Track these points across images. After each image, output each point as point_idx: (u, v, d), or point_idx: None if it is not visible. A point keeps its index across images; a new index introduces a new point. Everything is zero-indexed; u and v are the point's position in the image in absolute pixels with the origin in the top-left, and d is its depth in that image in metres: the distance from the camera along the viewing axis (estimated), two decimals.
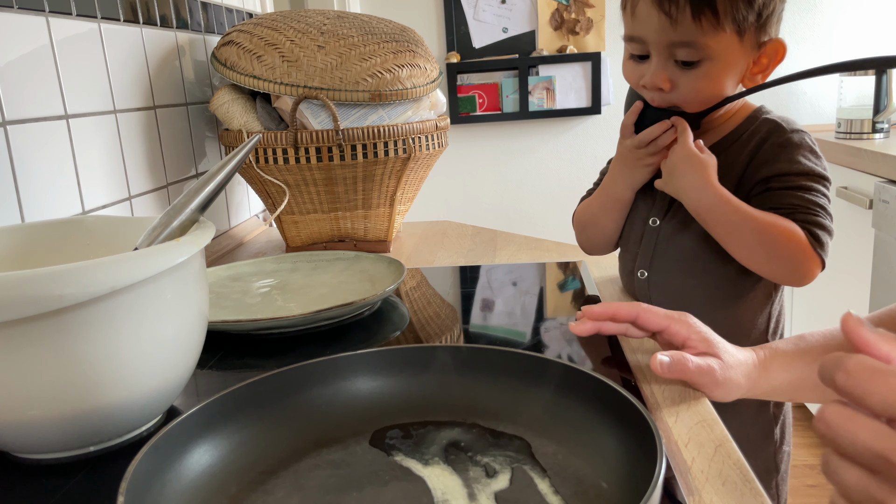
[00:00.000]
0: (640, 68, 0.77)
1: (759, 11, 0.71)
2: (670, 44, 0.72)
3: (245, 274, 0.95)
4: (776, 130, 0.78)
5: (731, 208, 0.73)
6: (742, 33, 0.71)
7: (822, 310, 1.97)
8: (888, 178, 1.61)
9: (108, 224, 0.68)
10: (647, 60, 0.75)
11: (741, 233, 0.73)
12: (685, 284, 0.83)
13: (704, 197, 0.74)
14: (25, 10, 0.77)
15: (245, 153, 0.58)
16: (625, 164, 0.82)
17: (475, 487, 0.44)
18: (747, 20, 0.71)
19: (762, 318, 0.84)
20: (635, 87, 0.79)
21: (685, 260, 0.82)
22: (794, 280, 0.75)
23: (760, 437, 0.86)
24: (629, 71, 0.79)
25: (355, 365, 0.55)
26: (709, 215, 0.75)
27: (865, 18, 2.22)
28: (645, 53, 0.75)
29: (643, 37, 0.74)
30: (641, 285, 0.85)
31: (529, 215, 2.42)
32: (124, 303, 0.49)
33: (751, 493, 0.46)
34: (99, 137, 0.91)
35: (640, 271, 0.85)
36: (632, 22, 0.75)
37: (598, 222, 0.89)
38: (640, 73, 0.76)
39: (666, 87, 0.74)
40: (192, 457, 0.46)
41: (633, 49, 0.76)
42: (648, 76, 0.75)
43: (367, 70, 1.04)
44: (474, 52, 2.26)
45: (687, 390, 0.61)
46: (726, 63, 0.73)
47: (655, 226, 0.83)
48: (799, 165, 0.75)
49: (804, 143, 0.77)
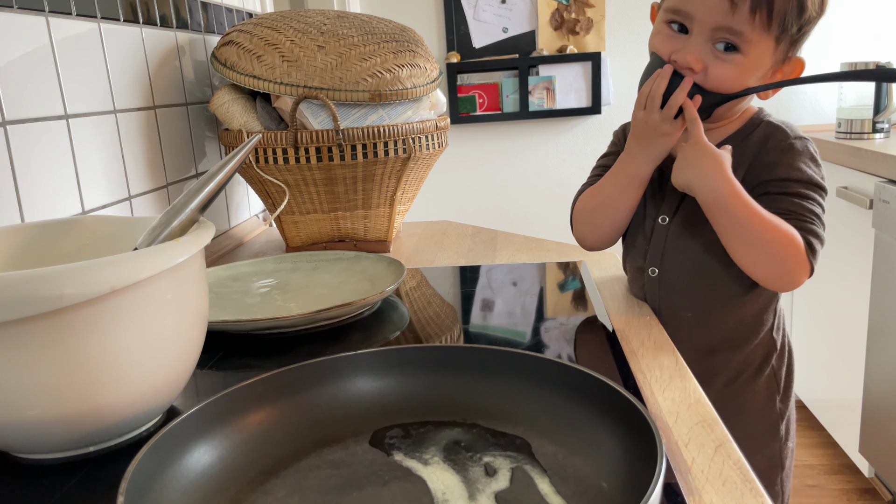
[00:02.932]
0: (674, 41, 0.75)
1: (802, 26, 0.72)
2: (718, 27, 0.72)
3: (245, 274, 0.95)
4: (778, 134, 0.78)
5: (741, 202, 0.73)
6: (779, 41, 0.73)
7: (822, 309, 1.97)
8: (888, 178, 1.61)
9: (108, 224, 0.68)
10: (684, 35, 0.74)
11: (745, 229, 0.73)
12: (696, 282, 0.83)
13: (719, 187, 0.73)
14: (25, 10, 0.77)
15: (245, 153, 0.58)
16: (643, 136, 0.79)
17: (475, 487, 0.44)
18: (789, 30, 0.72)
19: (769, 314, 0.85)
20: (664, 57, 0.77)
21: (696, 258, 0.82)
22: (782, 284, 0.76)
23: (767, 433, 0.87)
24: (662, 40, 0.76)
25: (355, 365, 0.55)
26: (718, 207, 0.74)
27: (865, 18, 2.22)
28: (684, 27, 0.74)
29: (692, 13, 0.73)
30: (652, 283, 0.85)
31: (529, 215, 2.42)
32: (124, 303, 0.48)
33: (751, 493, 0.46)
34: (99, 137, 0.91)
35: (651, 269, 0.85)
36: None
37: (610, 205, 0.85)
38: (674, 46, 0.75)
39: (697, 68, 0.74)
40: (192, 457, 0.46)
41: (672, 18, 0.75)
42: (684, 53, 0.74)
43: (367, 70, 1.04)
44: (474, 52, 2.26)
45: (687, 390, 0.61)
46: (756, 63, 0.74)
47: (665, 223, 0.83)
48: (799, 172, 0.76)
49: (806, 150, 0.77)
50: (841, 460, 1.90)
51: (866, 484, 1.80)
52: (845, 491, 1.78)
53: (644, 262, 0.85)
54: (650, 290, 0.85)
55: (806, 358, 2.03)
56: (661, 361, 0.67)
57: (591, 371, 0.50)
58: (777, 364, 0.86)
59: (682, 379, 0.63)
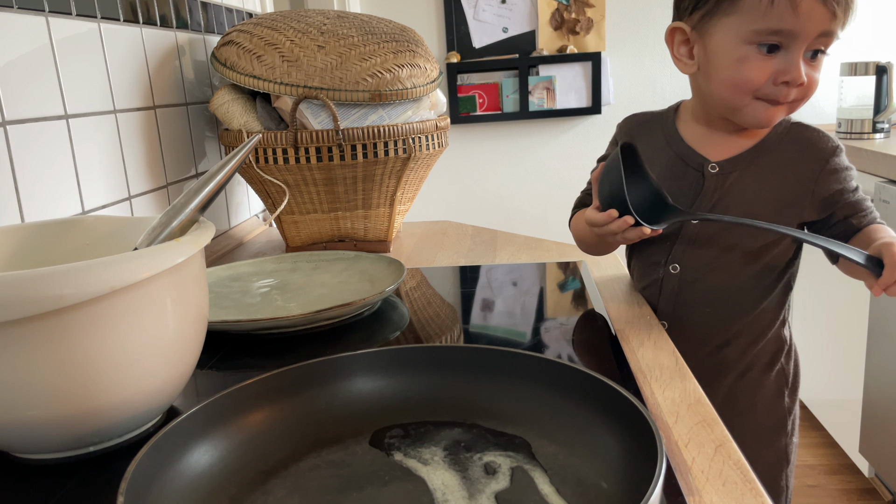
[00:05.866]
0: (769, 63, 0.73)
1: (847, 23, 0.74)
2: (820, 34, 0.72)
3: (245, 274, 0.95)
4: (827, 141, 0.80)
5: None
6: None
7: (822, 309, 1.97)
8: (888, 178, 1.61)
9: (108, 224, 0.68)
10: (776, 55, 0.73)
11: None
12: (719, 279, 0.83)
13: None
14: (25, 10, 0.77)
15: (245, 153, 0.58)
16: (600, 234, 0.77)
17: (475, 487, 0.44)
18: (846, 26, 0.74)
19: (784, 310, 0.87)
20: (759, 86, 0.74)
21: (722, 256, 0.82)
22: None
23: (776, 428, 0.88)
24: (757, 67, 0.73)
25: (355, 365, 0.55)
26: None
27: (865, 19, 2.21)
28: (777, 45, 0.73)
29: (796, 29, 0.71)
30: (671, 279, 0.84)
31: (529, 215, 2.42)
32: (124, 303, 0.48)
33: (751, 493, 0.46)
34: (99, 137, 0.91)
35: (673, 265, 0.84)
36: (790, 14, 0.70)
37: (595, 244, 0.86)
38: (773, 67, 0.73)
39: (805, 80, 0.73)
40: (192, 457, 0.46)
41: (768, 39, 0.72)
42: (790, 71, 0.72)
43: (367, 70, 1.04)
44: (474, 51, 2.26)
45: (687, 390, 0.61)
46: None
47: (696, 223, 0.82)
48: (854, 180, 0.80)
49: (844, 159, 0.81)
50: (841, 460, 1.90)
51: (866, 484, 1.80)
52: (845, 491, 1.78)
53: (666, 257, 0.85)
54: (667, 285, 0.85)
55: (806, 358, 2.02)
56: (661, 361, 0.67)
57: (591, 371, 0.50)
58: (786, 359, 0.88)
59: (682, 379, 0.63)
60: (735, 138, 0.81)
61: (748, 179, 0.80)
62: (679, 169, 0.83)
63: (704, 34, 0.77)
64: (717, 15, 0.75)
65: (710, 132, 0.83)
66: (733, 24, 0.73)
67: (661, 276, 0.85)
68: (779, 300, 0.85)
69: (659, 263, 0.85)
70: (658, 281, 0.86)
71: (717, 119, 0.82)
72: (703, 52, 0.78)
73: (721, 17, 0.74)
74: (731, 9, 0.73)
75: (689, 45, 0.79)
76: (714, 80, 0.77)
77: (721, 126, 0.82)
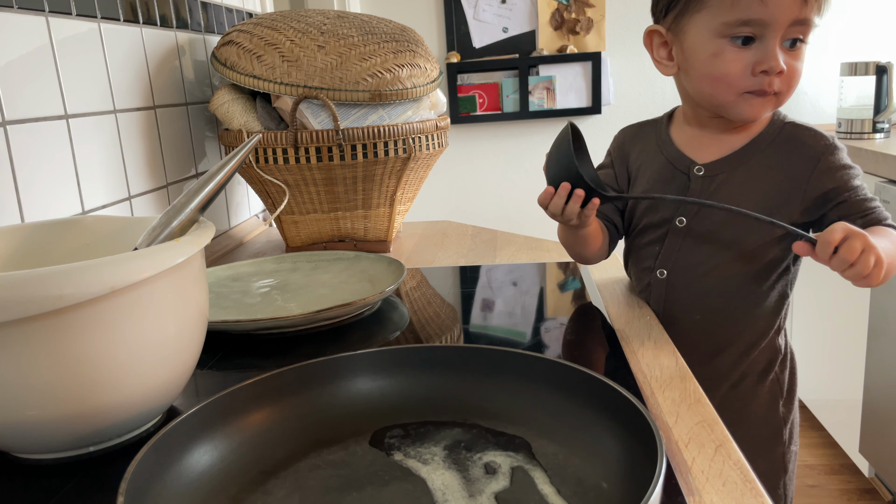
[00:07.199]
0: (745, 54, 0.73)
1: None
2: (794, 22, 0.71)
3: (245, 274, 0.95)
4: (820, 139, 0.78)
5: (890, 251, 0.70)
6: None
7: (822, 309, 1.97)
8: (888, 178, 1.61)
9: (108, 224, 0.68)
10: (751, 46, 0.73)
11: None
12: (708, 285, 0.82)
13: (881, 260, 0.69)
14: (25, 10, 0.77)
15: (245, 153, 0.58)
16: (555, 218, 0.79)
17: (475, 487, 0.44)
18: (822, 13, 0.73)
19: (779, 318, 0.84)
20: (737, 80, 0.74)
21: (710, 261, 0.81)
22: None
23: (771, 437, 0.87)
24: (733, 60, 0.73)
25: (355, 365, 0.55)
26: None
27: (865, 18, 2.22)
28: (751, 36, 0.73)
29: (766, 18, 0.71)
30: (659, 285, 0.84)
31: (530, 215, 2.41)
32: (124, 303, 0.48)
33: (751, 493, 0.46)
34: (99, 137, 0.91)
35: (660, 271, 0.84)
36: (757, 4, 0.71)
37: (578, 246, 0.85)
38: (749, 59, 0.73)
39: (784, 69, 0.73)
40: (192, 457, 0.46)
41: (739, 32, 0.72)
42: (769, 60, 0.72)
43: (367, 70, 1.04)
44: (474, 51, 2.26)
45: (687, 390, 0.61)
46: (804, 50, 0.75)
47: (682, 225, 0.82)
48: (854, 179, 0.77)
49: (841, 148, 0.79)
50: (841, 460, 1.90)
51: (866, 484, 1.80)
52: (845, 491, 1.78)
53: (654, 262, 0.84)
54: (656, 291, 0.85)
55: (806, 358, 2.02)
56: (661, 361, 0.67)
57: (591, 371, 0.50)
58: (780, 368, 0.86)
59: (683, 379, 0.63)
60: (726, 137, 0.81)
61: (736, 181, 0.79)
62: (668, 173, 0.83)
63: (679, 33, 0.77)
64: (688, 13, 0.75)
65: (701, 133, 0.83)
66: (704, 19, 0.74)
67: (650, 282, 0.85)
68: (773, 308, 0.83)
69: (650, 269, 0.85)
70: (648, 286, 0.85)
71: (708, 119, 0.81)
72: (680, 52, 0.78)
73: (692, 14, 0.75)
74: (700, 5, 0.74)
75: (668, 47, 0.80)
76: (694, 78, 0.78)
77: (713, 126, 0.81)
